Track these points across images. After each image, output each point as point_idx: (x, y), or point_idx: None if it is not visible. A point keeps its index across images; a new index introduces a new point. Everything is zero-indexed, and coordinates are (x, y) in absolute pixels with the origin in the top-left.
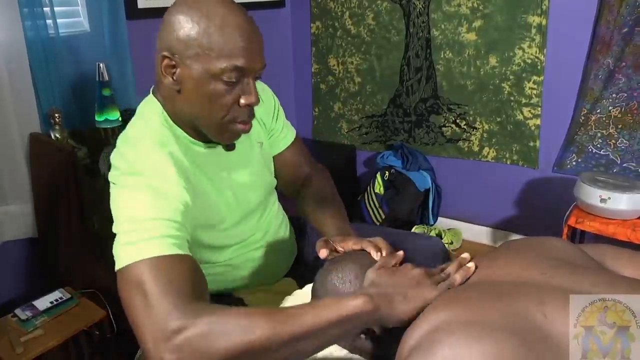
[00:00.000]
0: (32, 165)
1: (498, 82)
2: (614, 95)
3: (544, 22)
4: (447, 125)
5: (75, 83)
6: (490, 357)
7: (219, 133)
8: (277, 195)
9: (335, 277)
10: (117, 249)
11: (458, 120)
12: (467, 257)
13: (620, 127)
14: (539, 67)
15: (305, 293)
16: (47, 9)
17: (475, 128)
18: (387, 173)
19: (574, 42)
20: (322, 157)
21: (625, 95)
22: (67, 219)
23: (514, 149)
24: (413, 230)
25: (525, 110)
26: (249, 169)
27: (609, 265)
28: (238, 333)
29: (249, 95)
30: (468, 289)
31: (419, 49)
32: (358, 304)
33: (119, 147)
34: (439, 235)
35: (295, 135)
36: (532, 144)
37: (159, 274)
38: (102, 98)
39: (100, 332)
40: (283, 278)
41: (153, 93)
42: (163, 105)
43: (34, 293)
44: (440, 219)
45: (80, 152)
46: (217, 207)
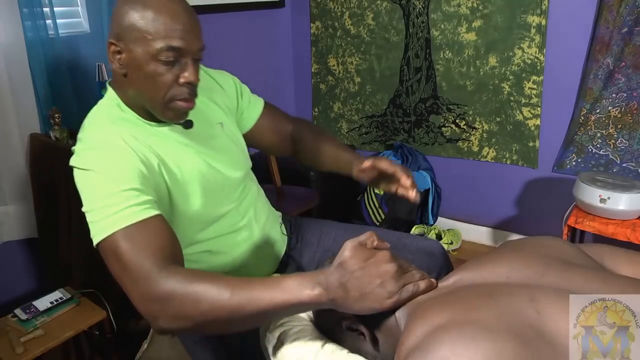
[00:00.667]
0: (32, 166)
1: (498, 82)
2: (614, 95)
3: (544, 22)
4: (446, 125)
5: (75, 83)
6: (490, 356)
7: (163, 111)
8: (257, 184)
9: None
10: (91, 227)
11: (458, 120)
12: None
13: (620, 127)
14: (539, 67)
15: None
16: (46, 9)
17: (475, 128)
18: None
19: (574, 42)
20: None
21: (625, 95)
22: (67, 219)
23: (514, 149)
24: (413, 230)
25: (525, 110)
26: (212, 146)
27: (608, 265)
28: (208, 302)
29: (187, 74)
30: (463, 290)
31: (419, 49)
32: (314, 295)
33: (79, 134)
34: (439, 236)
35: (265, 102)
36: (531, 144)
37: (132, 243)
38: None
39: (101, 332)
40: (272, 275)
41: (110, 84)
42: (117, 94)
43: (34, 293)
44: (440, 219)
45: None
46: (183, 180)
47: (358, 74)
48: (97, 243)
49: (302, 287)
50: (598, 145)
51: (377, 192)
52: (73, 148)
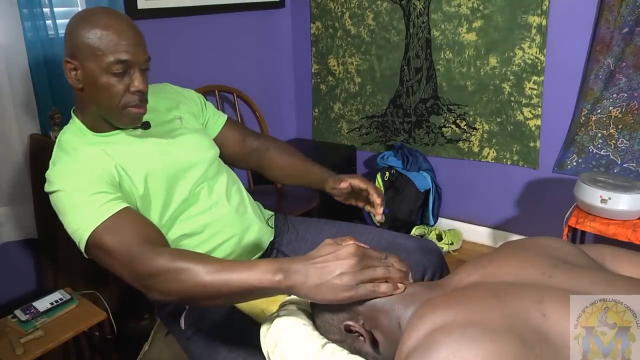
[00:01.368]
0: (32, 166)
1: (498, 82)
2: (615, 96)
3: (544, 22)
4: (447, 126)
5: None
6: (491, 357)
7: (118, 117)
8: (229, 171)
9: None
10: (74, 237)
11: (458, 121)
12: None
13: (621, 127)
14: (539, 67)
15: None
16: (46, 10)
17: (476, 128)
18: (387, 174)
19: (574, 42)
20: (322, 157)
21: (626, 96)
22: None
23: (514, 150)
24: (413, 231)
25: (526, 111)
26: (172, 136)
27: (609, 266)
28: (190, 279)
29: (137, 82)
30: (467, 290)
31: (419, 50)
32: (275, 281)
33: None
34: (439, 236)
35: (228, 119)
36: (532, 145)
37: (113, 235)
38: None
39: (101, 333)
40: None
41: (73, 111)
42: (79, 116)
43: (34, 294)
44: (441, 220)
45: None
46: (155, 173)
47: (358, 74)
48: (83, 248)
49: (266, 272)
50: (599, 146)
51: None
52: (46, 174)
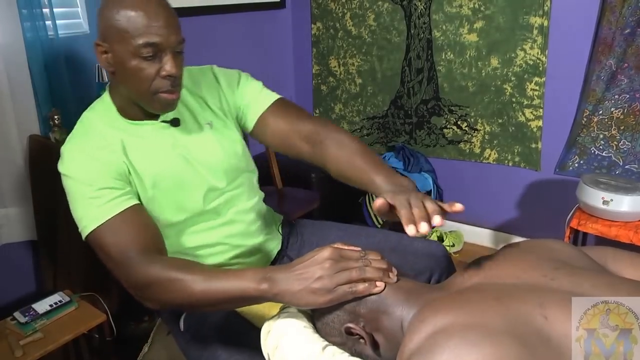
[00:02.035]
0: (31, 168)
1: (499, 83)
2: (616, 97)
3: (546, 23)
4: (448, 127)
5: (75, 84)
6: None
7: (150, 102)
8: (252, 186)
9: None
10: (77, 224)
11: (459, 122)
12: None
13: (623, 128)
14: (541, 68)
15: None
16: (46, 10)
17: (477, 130)
18: None
19: (576, 43)
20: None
21: (628, 97)
22: (66, 222)
23: (516, 151)
24: None
25: (527, 112)
26: (198, 147)
27: (611, 268)
28: (181, 289)
29: (167, 67)
30: (468, 292)
31: (420, 50)
32: (261, 290)
33: (71, 132)
34: (440, 238)
35: (278, 100)
36: (534, 146)
37: (114, 235)
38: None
39: (100, 335)
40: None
41: (107, 87)
42: (111, 96)
43: (34, 296)
44: None
45: None
46: (166, 177)
47: (359, 75)
48: (85, 237)
49: (252, 281)
50: (601, 147)
51: None
52: (61, 148)
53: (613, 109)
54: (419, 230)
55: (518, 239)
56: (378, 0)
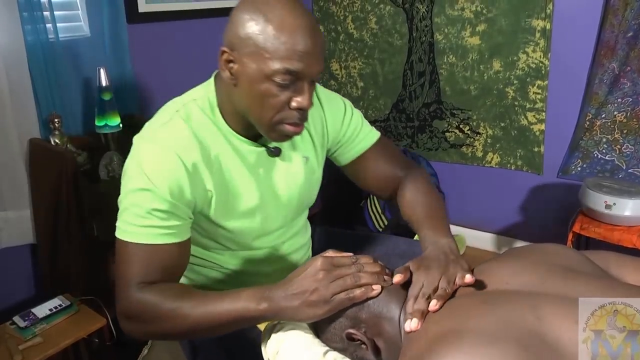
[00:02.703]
0: (31, 171)
1: (502, 86)
2: (619, 100)
3: (548, 26)
4: (450, 131)
5: (75, 88)
6: None
7: (268, 131)
8: (306, 216)
9: None
10: (119, 220)
11: (461, 126)
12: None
13: (626, 132)
14: (543, 71)
15: None
16: (47, 13)
17: (479, 133)
18: None
19: (579, 46)
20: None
21: (631, 100)
22: (66, 225)
23: (518, 155)
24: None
25: (530, 115)
26: (287, 183)
27: (614, 272)
28: (171, 321)
29: (301, 99)
30: (462, 299)
31: (422, 54)
32: (261, 310)
33: (164, 106)
34: None
35: (379, 140)
36: (536, 149)
37: (137, 260)
38: (102, 103)
39: (100, 339)
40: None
41: (215, 77)
42: (217, 92)
43: (33, 300)
44: None
45: (80, 157)
46: (235, 204)
47: (361, 79)
48: (117, 239)
49: (250, 302)
50: (604, 151)
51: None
52: (147, 124)
53: (616, 113)
54: (410, 328)
55: (520, 243)
56: (380, 3)
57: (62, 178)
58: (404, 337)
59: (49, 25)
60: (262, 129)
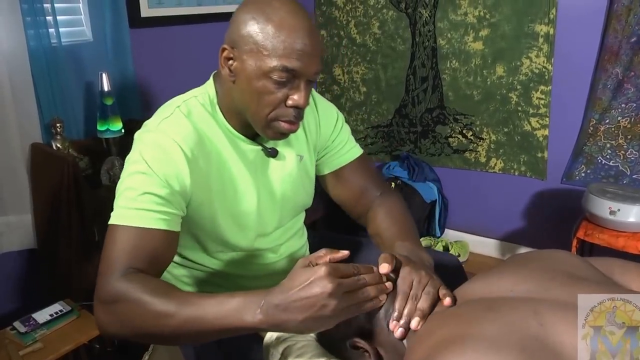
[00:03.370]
0: (32, 176)
1: (505, 92)
2: (623, 106)
3: (552, 31)
4: (453, 136)
5: (77, 92)
6: None
7: (264, 128)
8: (303, 219)
9: None
10: (114, 206)
11: (464, 131)
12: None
13: (630, 137)
14: (547, 76)
15: None
16: (49, 18)
17: (482, 139)
18: (392, 184)
19: (582, 51)
20: None
21: (635, 106)
22: (67, 230)
23: (522, 160)
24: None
25: (533, 121)
26: (282, 182)
27: (618, 279)
28: (152, 314)
29: (297, 97)
30: (467, 305)
31: (425, 59)
32: (256, 322)
33: (165, 104)
34: (446, 248)
35: (360, 156)
36: (540, 155)
37: (125, 242)
38: (104, 108)
39: (101, 345)
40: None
41: (214, 77)
42: (217, 90)
43: (34, 305)
44: (447, 231)
45: (82, 162)
46: (234, 201)
47: (363, 84)
48: (109, 223)
49: (244, 311)
50: (607, 156)
51: None
52: (148, 121)
53: (620, 118)
54: (396, 332)
55: (524, 249)
56: (383, 8)
57: (63, 183)
58: (407, 342)
59: (52, 30)
60: (258, 126)
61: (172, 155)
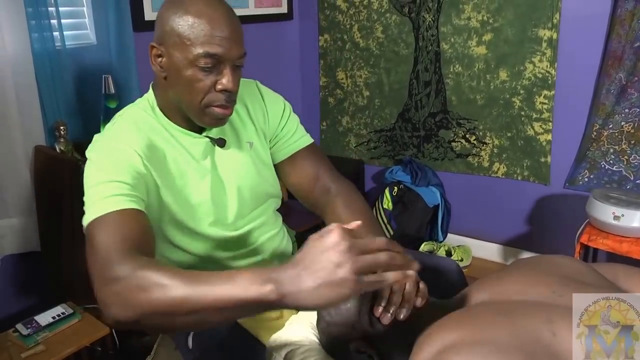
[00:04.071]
0: (36, 178)
1: (508, 96)
2: (627, 110)
3: (555, 35)
4: (456, 140)
5: (81, 95)
6: None
7: (200, 116)
8: (279, 218)
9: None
10: (85, 211)
11: (468, 135)
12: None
13: (633, 142)
14: (550, 81)
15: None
16: (54, 21)
17: (485, 143)
18: (395, 188)
19: (586, 56)
20: None
21: (638, 110)
22: (70, 233)
23: (525, 165)
24: (422, 247)
25: (536, 125)
26: (236, 169)
27: (622, 285)
28: (157, 289)
29: (225, 80)
30: (476, 308)
31: (428, 63)
32: (264, 292)
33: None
34: (448, 252)
35: (311, 144)
36: (543, 160)
37: (106, 230)
38: (107, 111)
39: (103, 348)
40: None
41: (151, 86)
42: (156, 96)
43: (36, 308)
44: (450, 236)
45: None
46: (186, 194)
47: (367, 88)
48: (84, 229)
49: (252, 283)
50: (611, 161)
51: (385, 207)
52: (95, 136)
53: (623, 123)
54: (384, 320)
55: (527, 254)
56: (386, 13)
57: (66, 185)
58: (413, 345)
59: (56, 34)
60: (194, 115)
61: (122, 152)
